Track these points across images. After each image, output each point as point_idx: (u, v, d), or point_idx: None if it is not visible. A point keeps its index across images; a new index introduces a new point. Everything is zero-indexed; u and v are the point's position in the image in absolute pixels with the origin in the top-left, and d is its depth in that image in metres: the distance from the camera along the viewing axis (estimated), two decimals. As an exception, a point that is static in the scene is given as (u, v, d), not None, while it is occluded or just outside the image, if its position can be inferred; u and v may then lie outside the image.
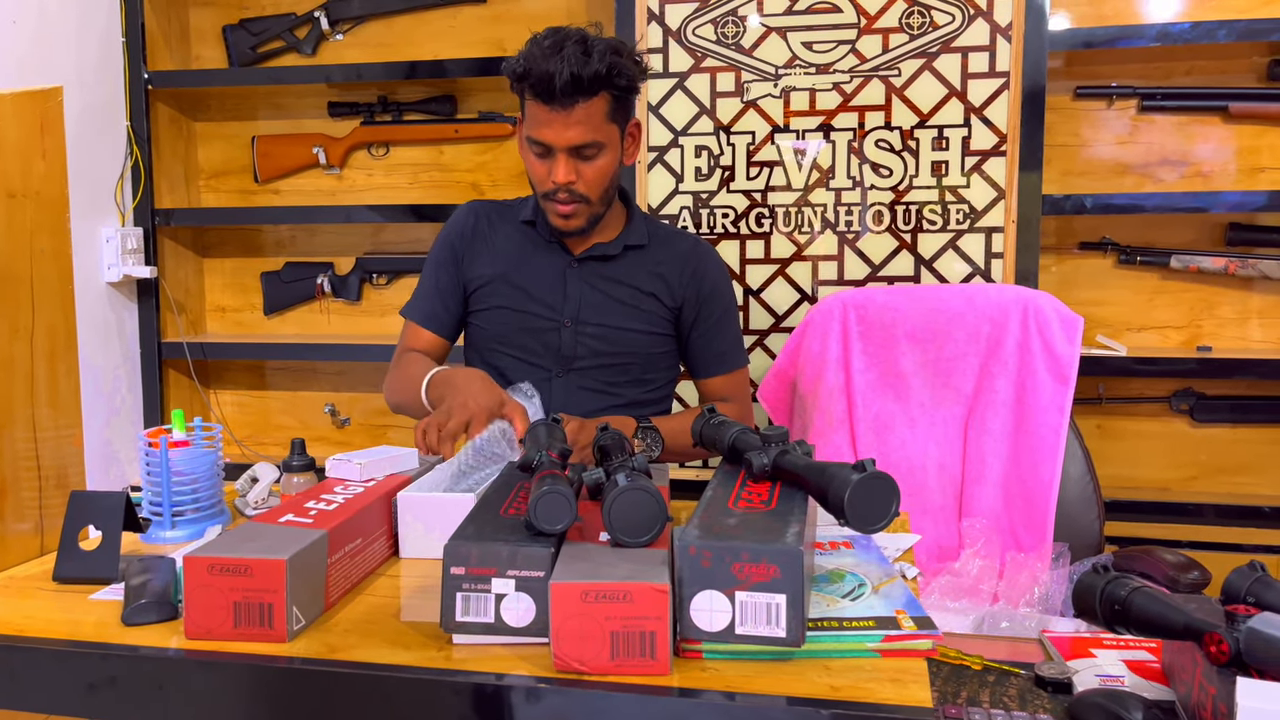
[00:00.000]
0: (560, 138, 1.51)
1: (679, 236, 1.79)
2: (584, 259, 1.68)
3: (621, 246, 1.68)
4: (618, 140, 1.58)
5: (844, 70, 2.22)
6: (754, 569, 0.83)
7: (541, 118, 1.52)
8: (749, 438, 1.10)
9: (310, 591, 0.95)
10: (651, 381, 1.73)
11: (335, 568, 1.00)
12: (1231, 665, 0.91)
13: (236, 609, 0.90)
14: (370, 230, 2.70)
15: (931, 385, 1.95)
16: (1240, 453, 2.34)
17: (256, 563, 0.90)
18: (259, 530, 0.98)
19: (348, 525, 1.04)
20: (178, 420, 1.25)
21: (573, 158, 1.54)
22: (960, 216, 2.20)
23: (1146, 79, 2.29)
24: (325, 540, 0.98)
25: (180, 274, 2.71)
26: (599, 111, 1.52)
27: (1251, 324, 2.30)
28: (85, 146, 2.42)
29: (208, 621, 0.90)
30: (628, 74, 1.53)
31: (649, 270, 1.69)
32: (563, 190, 1.55)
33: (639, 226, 1.71)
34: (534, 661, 0.86)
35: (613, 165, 1.58)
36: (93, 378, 2.45)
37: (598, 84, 1.49)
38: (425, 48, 2.60)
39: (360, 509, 1.07)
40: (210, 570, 0.90)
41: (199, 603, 0.90)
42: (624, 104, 1.57)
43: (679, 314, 1.72)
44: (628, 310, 1.68)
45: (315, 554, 0.96)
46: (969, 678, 1.16)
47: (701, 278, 1.72)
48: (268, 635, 0.90)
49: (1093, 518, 1.85)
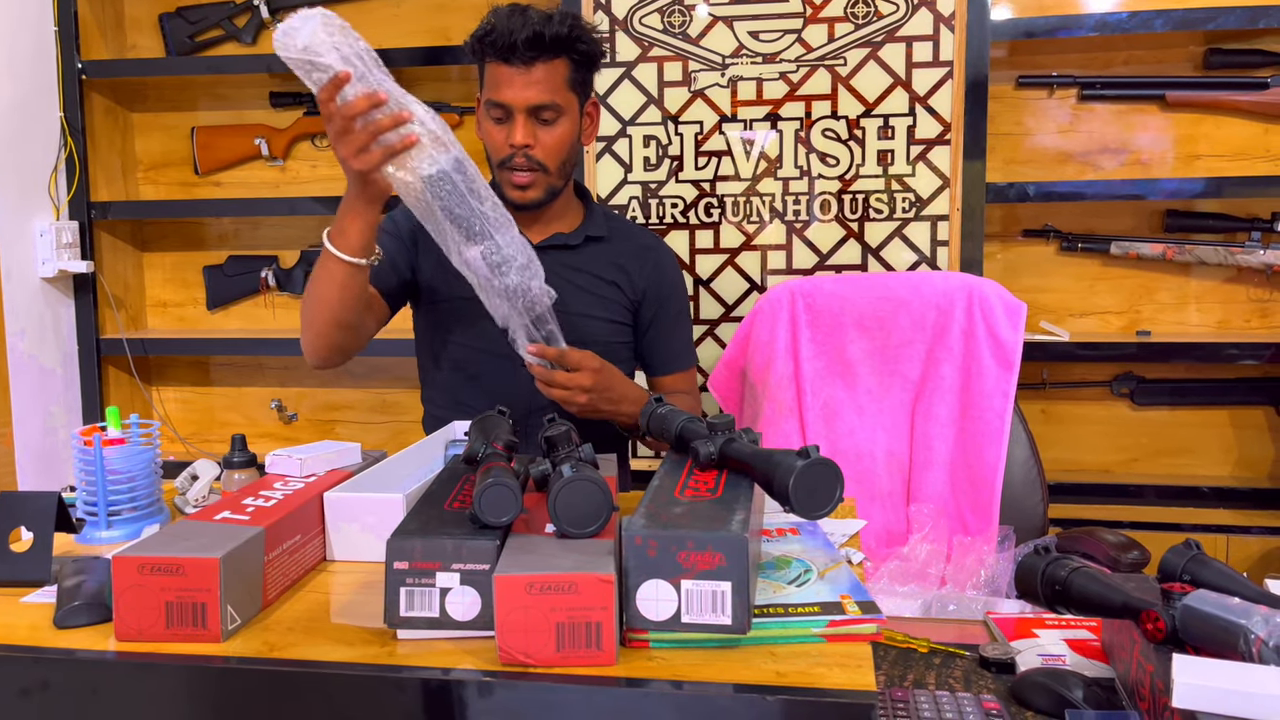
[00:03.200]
0: (519, 97, 1.51)
1: (638, 231, 1.79)
2: (544, 247, 1.65)
3: (583, 237, 1.67)
4: (576, 112, 1.58)
5: (790, 60, 2.23)
6: (699, 557, 0.83)
7: (502, 78, 1.51)
8: (696, 426, 1.10)
9: (246, 590, 0.93)
10: None
11: (273, 565, 0.98)
12: (1168, 642, 0.93)
13: (169, 609, 0.88)
14: (315, 222, 2.65)
15: (879, 372, 1.97)
16: (1179, 435, 2.40)
17: (189, 561, 0.88)
18: (193, 528, 0.96)
19: (286, 522, 1.02)
20: (113, 417, 1.22)
21: (531, 120, 1.53)
22: (906, 205, 2.22)
23: (1086, 68, 2.33)
24: (262, 537, 0.96)
25: (119, 268, 2.65)
26: (559, 75, 1.52)
27: (1189, 308, 2.35)
28: (16, 138, 2.35)
29: (139, 622, 0.88)
30: (588, 41, 1.54)
31: (609, 261, 1.69)
32: (520, 154, 1.54)
33: (598, 219, 1.71)
34: (480, 655, 0.85)
35: (571, 136, 1.58)
36: (28, 376, 2.39)
37: (559, 45, 1.50)
38: (369, 36, 2.50)
39: (299, 505, 1.05)
40: (141, 570, 0.88)
41: (130, 603, 0.88)
42: (583, 75, 1.57)
43: (638, 308, 1.72)
44: (589, 298, 1.66)
45: (251, 551, 0.94)
46: (915, 661, 1.17)
47: (661, 275, 1.73)
48: (201, 635, 0.88)
49: (1037, 500, 1.88)
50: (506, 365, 1.60)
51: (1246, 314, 2.33)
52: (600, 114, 1.70)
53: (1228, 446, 2.38)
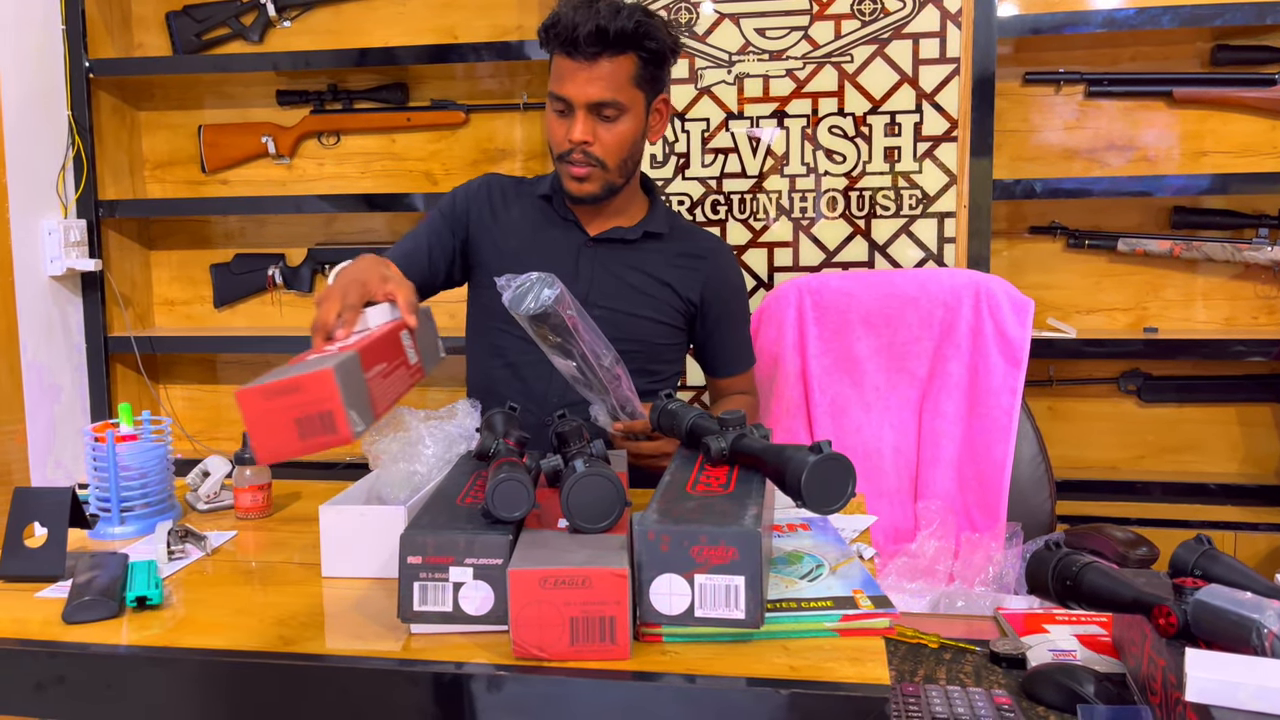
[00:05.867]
0: (580, 92, 1.47)
1: (700, 233, 1.75)
2: (600, 240, 1.62)
3: (641, 232, 1.63)
4: (642, 109, 1.53)
5: (797, 57, 2.23)
6: (712, 552, 0.83)
7: (565, 71, 1.48)
8: (706, 422, 1.10)
9: (360, 400, 0.95)
10: (657, 373, 1.66)
11: (375, 383, 1.00)
12: (1180, 637, 0.93)
13: (299, 424, 0.89)
14: (322, 220, 2.66)
15: (886, 369, 1.97)
16: (1186, 432, 2.39)
17: (307, 378, 0.89)
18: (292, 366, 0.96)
19: (373, 347, 1.03)
20: (125, 414, 1.23)
21: (591, 116, 1.49)
22: (913, 202, 2.22)
23: (1093, 65, 2.32)
24: (358, 358, 0.98)
25: (126, 267, 2.65)
26: (624, 72, 1.48)
27: (1196, 305, 2.35)
28: (25, 137, 2.36)
29: (274, 442, 0.90)
30: (658, 37, 1.48)
31: (666, 260, 1.65)
32: (578, 150, 1.51)
33: (660, 216, 1.67)
34: (493, 650, 0.85)
35: (633, 134, 1.53)
36: (36, 374, 2.39)
37: (624, 41, 1.45)
38: (375, 35, 2.57)
39: (377, 338, 1.07)
40: (265, 395, 0.89)
41: (263, 428, 0.89)
42: (653, 73, 1.52)
43: (697, 312, 1.68)
44: (639, 297, 1.62)
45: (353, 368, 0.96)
46: (926, 656, 1.17)
47: (724, 279, 1.69)
48: (333, 441, 0.90)
49: (1044, 497, 1.88)
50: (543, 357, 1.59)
51: (1254, 310, 2.33)
52: (670, 111, 1.63)
53: (1235, 443, 2.38)
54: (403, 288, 1.21)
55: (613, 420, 1.38)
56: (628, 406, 1.36)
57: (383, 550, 1.04)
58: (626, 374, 1.36)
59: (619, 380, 1.33)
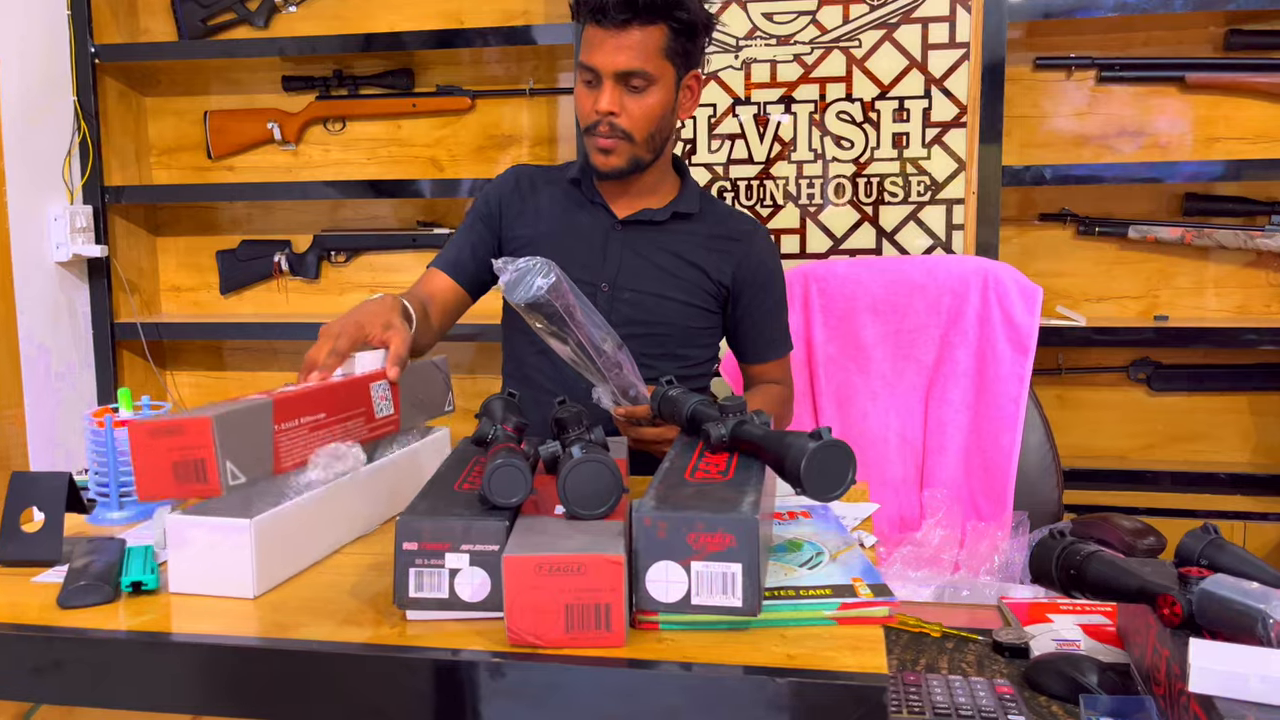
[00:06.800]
0: (608, 61, 1.45)
1: (735, 215, 1.71)
2: (628, 223, 1.60)
3: (670, 214, 1.61)
4: (672, 82, 1.51)
5: (804, 42, 2.21)
6: (709, 539, 0.82)
7: (594, 40, 1.46)
8: (707, 409, 1.09)
9: (251, 452, 0.95)
10: (689, 358, 1.65)
11: (287, 435, 1.00)
12: (1184, 627, 0.92)
13: (175, 467, 0.91)
14: (328, 207, 2.66)
15: (893, 357, 1.96)
16: (1196, 421, 2.37)
17: (188, 422, 0.91)
18: (212, 406, 0.98)
19: (305, 398, 1.03)
20: (125, 399, 1.22)
21: (619, 86, 1.47)
22: (921, 189, 2.20)
23: (1105, 50, 2.30)
24: (269, 407, 0.98)
25: (133, 253, 2.65)
26: (654, 42, 1.46)
27: (1207, 293, 2.33)
28: (30, 122, 2.36)
29: (153, 482, 0.91)
30: (689, 8, 1.46)
31: (698, 242, 1.62)
32: (604, 122, 1.49)
33: (691, 196, 1.64)
34: (489, 636, 0.84)
35: (662, 107, 1.50)
36: (42, 359, 2.39)
37: (654, 10, 1.43)
38: (381, 20, 2.56)
39: (325, 387, 1.07)
40: (150, 434, 0.91)
41: (144, 464, 0.91)
42: (684, 46, 1.49)
43: (730, 295, 1.65)
44: (667, 279, 1.60)
45: (256, 418, 0.97)
46: (928, 645, 1.16)
47: (758, 263, 1.65)
48: (204, 490, 0.91)
49: (1052, 486, 1.87)
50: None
51: (1266, 298, 2.30)
52: (701, 87, 1.61)
53: (1246, 432, 2.35)
54: (398, 337, 1.21)
55: (615, 406, 1.37)
56: (630, 391, 1.35)
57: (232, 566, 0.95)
58: (630, 360, 1.35)
59: (620, 367, 1.32)
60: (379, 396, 1.16)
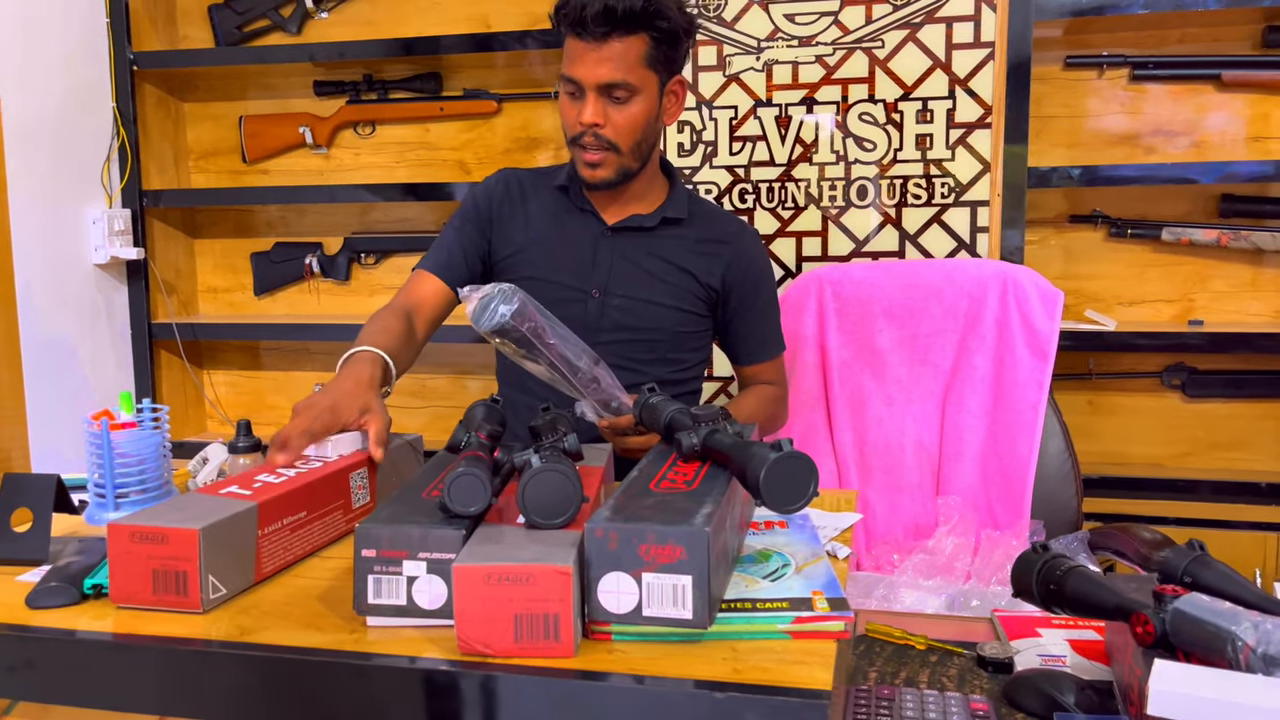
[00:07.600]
0: (590, 74, 1.46)
1: (723, 216, 1.71)
2: (618, 229, 1.61)
3: (659, 219, 1.61)
4: (655, 91, 1.51)
5: (826, 43, 2.19)
6: (660, 550, 0.82)
7: (575, 53, 1.47)
8: (683, 418, 1.08)
9: (234, 562, 0.95)
10: (680, 362, 1.65)
11: (269, 540, 1.00)
12: (1158, 646, 0.89)
13: (155, 576, 0.91)
14: (358, 210, 2.69)
15: (909, 362, 1.93)
16: (1235, 428, 2.30)
17: (173, 531, 0.90)
18: (194, 501, 0.98)
19: (286, 498, 1.03)
20: (125, 401, 1.25)
21: (602, 98, 1.47)
22: (945, 190, 2.17)
23: (1138, 47, 2.24)
24: (254, 512, 0.98)
25: (170, 255, 2.72)
26: (635, 53, 1.46)
27: (1244, 297, 2.26)
28: (70, 128, 2.43)
29: (129, 587, 0.92)
30: (669, 16, 1.45)
31: (687, 247, 1.62)
32: (589, 133, 1.49)
33: (680, 200, 1.64)
34: (444, 645, 0.85)
35: (645, 116, 1.50)
36: (79, 360, 2.46)
37: (634, 21, 1.43)
38: (410, 25, 2.59)
39: (304, 483, 1.07)
40: (131, 538, 0.91)
41: (121, 568, 0.91)
42: (666, 54, 1.49)
43: (719, 298, 1.65)
44: (659, 285, 1.60)
45: (241, 525, 0.96)
46: (911, 658, 1.14)
47: (748, 263, 1.65)
48: (183, 603, 0.91)
49: (1071, 494, 1.83)
50: None
51: (1307, 303, 2.23)
52: (685, 93, 1.61)
53: (1287, 441, 2.28)
54: (377, 421, 1.20)
55: (598, 419, 1.37)
56: (613, 403, 1.35)
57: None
58: (608, 373, 1.35)
59: (598, 382, 1.32)
60: (357, 486, 1.17)
